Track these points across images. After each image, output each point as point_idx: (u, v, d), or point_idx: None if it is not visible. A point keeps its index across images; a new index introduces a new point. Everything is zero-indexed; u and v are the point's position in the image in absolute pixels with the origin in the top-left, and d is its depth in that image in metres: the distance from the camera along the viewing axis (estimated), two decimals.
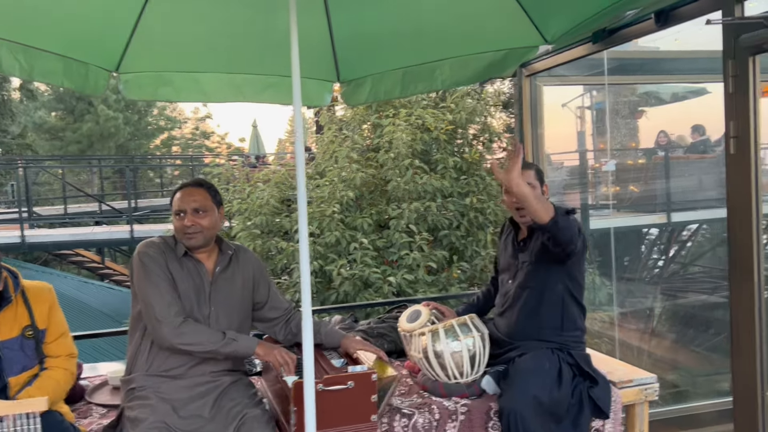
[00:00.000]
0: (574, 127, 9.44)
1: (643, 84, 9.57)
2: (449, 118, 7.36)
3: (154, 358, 2.21)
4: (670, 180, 8.62)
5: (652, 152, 9.63)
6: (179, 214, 2.29)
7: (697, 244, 10.75)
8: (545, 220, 2.23)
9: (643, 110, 10.90)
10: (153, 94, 3.18)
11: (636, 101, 10.60)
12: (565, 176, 9.22)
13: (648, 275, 9.39)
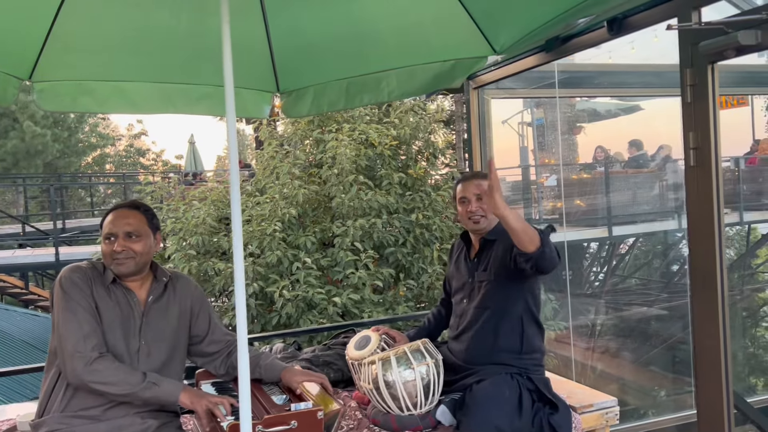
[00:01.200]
0: (515, 142, 9.52)
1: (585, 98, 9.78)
2: (393, 134, 7.25)
3: (71, 396, 1.94)
4: (610, 194, 8.78)
5: (591, 167, 9.82)
6: (109, 238, 2.05)
7: (634, 257, 11.01)
8: (530, 249, 2.10)
9: (581, 126, 11.15)
10: (72, 105, 2.91)
11: (575, 117, 10.83)
12: (508, 191, 9.25)
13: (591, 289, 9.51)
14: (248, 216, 6.54)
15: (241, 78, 3.14)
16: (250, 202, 6.77)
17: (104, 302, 2.01)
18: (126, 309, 2.04)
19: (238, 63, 3.20)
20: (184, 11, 2.55)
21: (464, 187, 2.49)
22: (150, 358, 2.04)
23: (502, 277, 2.37)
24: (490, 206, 2.13)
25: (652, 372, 8.25)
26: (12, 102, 2.70)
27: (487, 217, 2.45)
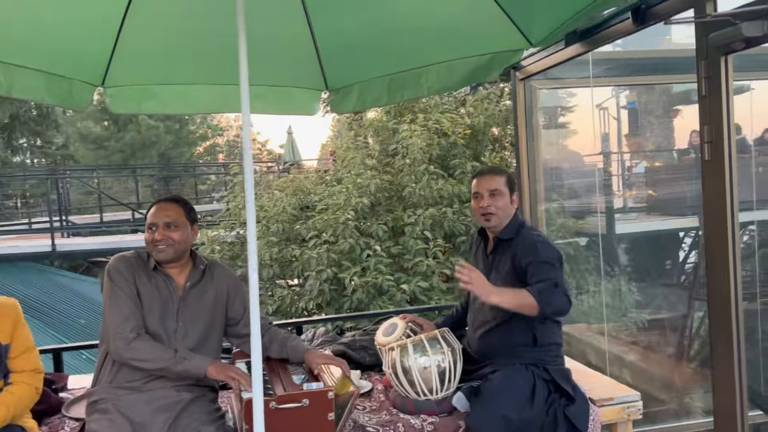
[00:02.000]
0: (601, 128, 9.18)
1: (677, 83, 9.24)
2: (467, 122, 7.26)
3: (117, 371, 2.21)
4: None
5: (685, 153, 9.29)
6: (151, 227, 2.30)
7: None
8: (534, 314, 2.24)
9: (678, 109, 10.55)
10: (138, 107, 3.21)
11: (671, 100, 10.26)
12: (592, 179, 8.97)
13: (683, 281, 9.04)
14: (324, 205, 6.81)
15: (291, 77, 3.34)
16: (327, 191, 7.03)
17: (145, 288, 2.26)
18: (165, 293, 2.29)
19: (289, 64, 3.42)
20: (235, 19, 2.75)
21: (478, 182, 2.52)
22: (186, 339, 2.27)
23: (513, 282, 2.40)
24: (481, 298, 2.24)
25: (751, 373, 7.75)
26: (86, 106, 3.03)
27: (499, 215, 2.47)
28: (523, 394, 2.28)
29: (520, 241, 2.44)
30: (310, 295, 6.23)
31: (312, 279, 6.22)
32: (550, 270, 2.31)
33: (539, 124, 3.53)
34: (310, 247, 6.43)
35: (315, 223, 6.60)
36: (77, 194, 16.95)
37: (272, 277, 6.72)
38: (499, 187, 2.46)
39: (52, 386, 2.71)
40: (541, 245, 2.40)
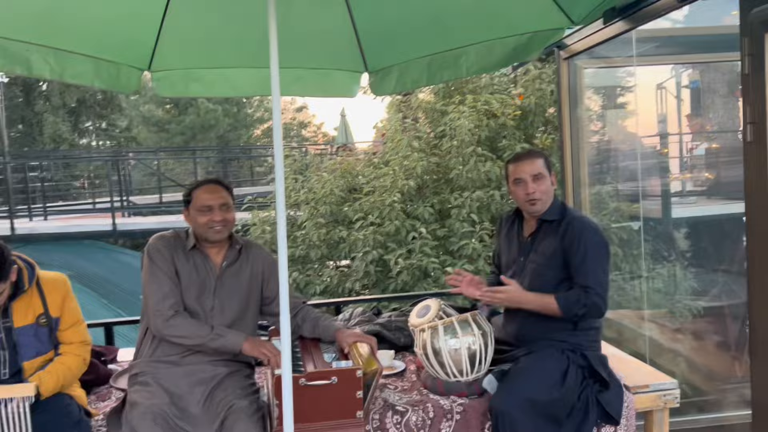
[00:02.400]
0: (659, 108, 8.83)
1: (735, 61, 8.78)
2: (518, 103, 7.12)
3: (156, 346, 2.32)
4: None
5: None
6: (206, 209, 2.35)
7: None
8: (559, 315, 2.33)
9: None
10: (184, 91, 3.30)
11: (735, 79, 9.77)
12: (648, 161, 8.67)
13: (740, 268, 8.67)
14: (372, 187, 6.85)
15: (330, 60, 3.36)
16: (374, 173, 7.06)
17: (183, 266, 2.35)
18: (202, 272, 2.37)
19: (328, 47, 3.44)
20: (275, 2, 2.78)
21: (518, 167, 2.48)
22: (223, 316, 2.35)
23: (555, 265, 2.38)
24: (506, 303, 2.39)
25: None
26: (135, 90, 3.13)
27: (543, 199, 2.43)
28: (552, 378, 2.26)
29: (568, 225, 2.41)
30: (357, 276, 6.30)
31: (358, 260, 6.28)
32: (595, 269, 2.33)
33: (584, 104, 3.43)
34: (357, 228, 6.49)
35: (362, 205, 6.64)
36: (139, 175, 17.58)
37: (320, 258, 6.82)
38: (541, 171, 2.42)
39: (101, 358, 2.85)
40: (592, 233, 2.38)
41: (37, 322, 2.24)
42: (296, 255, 6.89)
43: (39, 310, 2.25)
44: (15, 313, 2.20)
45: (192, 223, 2.40)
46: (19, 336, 2.20)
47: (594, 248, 2.35)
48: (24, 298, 2.22)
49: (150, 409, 2.09)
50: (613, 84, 8.07)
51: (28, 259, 2.31)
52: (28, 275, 2.24)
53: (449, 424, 2.29)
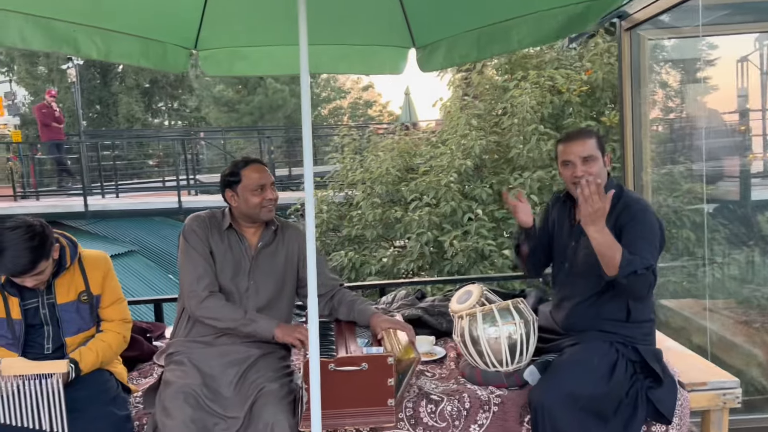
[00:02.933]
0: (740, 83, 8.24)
1: None
2: (583, 78, 6.80)
3: (192, 326, 2.33)
4: None
5: None
6: (260, 188, 2.33)
7: None
8: (609, 273, 2.10)
9: None
10: (230, 69, 3.28)
11: None
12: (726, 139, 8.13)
13: None
14: (428, 167, 6.72)
15: (377, 36, 3.26)
16: (430, 153, 6.93)
17: (218, 247, 2.33)
18: (238, 252, 2.35)
19: (373, 22, 3.34)
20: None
21: (567, 148, 2.31)
22: (258, 296, 2.33)
23: None
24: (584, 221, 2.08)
25: None
26: (184, 69, 3.14)
27: (600, 181, 2.26)
28: (598, 371, 2.12)
29: (624, 208, 2.24)
30: (411, 257, 6.23)
31: (413, 241, 6.20)
32: (649, 249, 2.14)
33: (654, 79, 3.19)
34: (412, 209, 6.40)
35: (417, 185, 6.54)
36: (210, 155, 18.06)
37: (376, 238, 6.78)
38: (593, 152, 2.25)
39: (147, 334, 2.90)
40: (650, 215, 2.22)
41: (78, 299, 2.28)
42: (352, 235, 6.88)
43: (81, 288, 2.29)
44: (58, 289, 2.24)
45: (241, 203, 2.34)
46: (62, 312, 2.25)
47: (649, 228, 2.18)
48: (66, 275, 2.27)
49: (182, 389, 2.10)
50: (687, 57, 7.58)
51: (71, 237, 2.35)
52: (71, 253, 2.28)
53: (486, 416, 2.19)
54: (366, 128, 9.42)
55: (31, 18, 2.42)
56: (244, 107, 27.31)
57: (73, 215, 9.88)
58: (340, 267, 6.67)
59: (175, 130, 22.33)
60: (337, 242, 7.08)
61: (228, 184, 2.36)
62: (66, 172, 12.21)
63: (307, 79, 2.00)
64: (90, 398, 2.13)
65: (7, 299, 2.19)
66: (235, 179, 2.35)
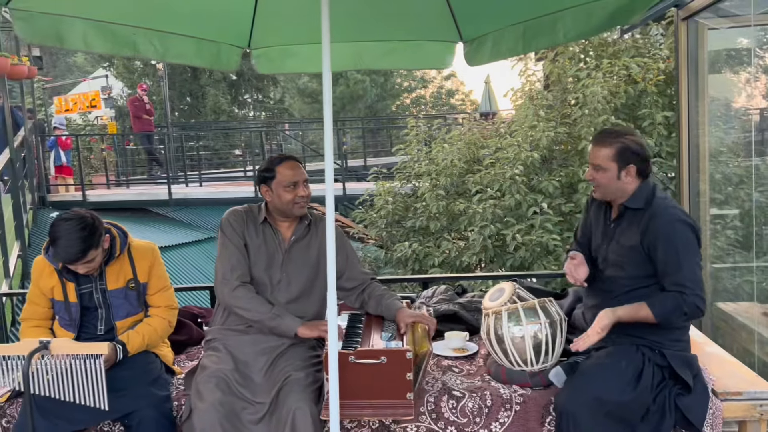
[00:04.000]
0: None
1: None
2: (660, 67, 6.49)
3: (227, 315, 2.44)
4: None
5: None
6: (293, 185, 2.41)
7: None
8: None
9: None
10: (281, 67, 3.38)
11: None
12: None
13: None
14: (494, 158, 6.64)
15: (422, 30, 3.27)
16: (497, 144, 6.84)
17: (253, 240, 2.43)
18: (272, 246, 2.44)
19: (419, 17, 3.35)
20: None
21: (590, 150, 2.29)
22: (290, 288, 2.42)
23: (635, 261, 2.19)
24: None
25: None
26: (236, 67, 3.27)
27: (601, 190, 2.26)
28: (625, 377, 2.07)
29: (652, 218, 2.17)
30: (474, 249, 6.19)
31: (476, 234, 6.16)
32: (690, 265, 2.10)
33: (706, 70, 3.03)
34: (476, 201, 6.35)
35: (482, 177, 6.48)
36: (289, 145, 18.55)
37: (440, 230, 6.78)
38: (601, 163, 2.20)
39: (198, 320, 3.07)
40: (680, 225, 2.14)
41: (127, 286, 2.46)
42: (417, 226, 6.92)
43: (129, 276, 2.47)
44: (108, 276, 2.42)
45: (275, 199, 2.42)
46: (112, 298, 2.43)
47: (684, 242, 2.11)
48: (116, 263, 2.44)
49: (215, 374, 2.22)
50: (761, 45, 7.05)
51: (122, 227, 2.53)
52: (120, 242, 2.46)
53: (507, 414, 2.18)
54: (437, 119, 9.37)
55: (92, 23, 2.60)
56: None
57: (158, 203, 10.46)
58: (404, 258, 6.73)
59: (259, 122, 23.08)
60: (402, 233, 7.13)
61: (263, 180, 2.44)
62: (155, 161, 12.94)
63: (329, 75, 2.05)
64: (134, 378, 2.30)
65: (65, 284, 2.39)
66: (269, 175, 2.43)
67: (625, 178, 2.20)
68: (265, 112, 24.83)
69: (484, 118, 15.70)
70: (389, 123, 22.35)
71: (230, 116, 21.98)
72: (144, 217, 10.33)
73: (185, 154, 12.31)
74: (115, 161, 13.13)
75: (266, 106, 24.52)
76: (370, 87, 27.37)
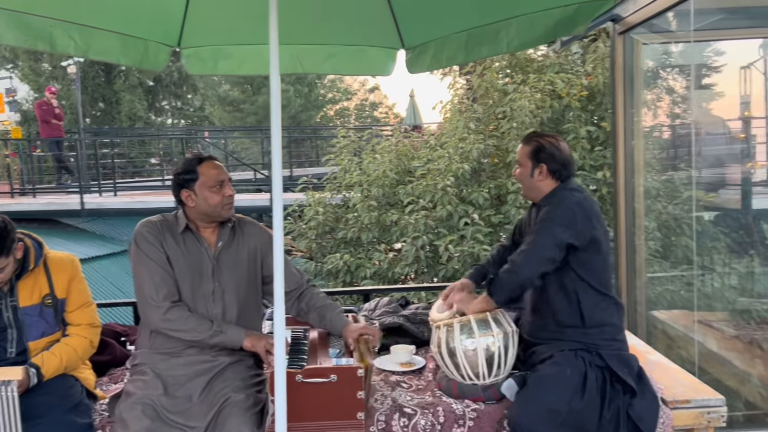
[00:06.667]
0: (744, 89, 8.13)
1: None
2: (583, 83, 6.72)
3: (155, 337, 2.22)
4: None
5: None
6: (219, 185, 2.23)
7: None
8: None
9: None
10: (214, 68, 3.20)
11: None
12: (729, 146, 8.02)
13: None
14: (425, 170, 6.65)
15: (365, 36, 3.19)
16: (428, 156, 6.86)
17: (174, 251, 2.21)
18: (197, 255, 2.23)
19: (362, 23, 3.27)
20: None
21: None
22: (225, 297, 2.23)
23: None
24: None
25: None
26: (164, 67, 3.07)
27: (522, 184, 2.39)
28: (572, 385, 2.06)
29: (543, 206, 2.27)
30: (406, 261, 6.15)
31: (408, 245, 6.12)
32: (541, 231, 2.18)
33: (641, 84, 3.11)
34: (408, 212, 6.32)
35: (414, 188, 6.47)
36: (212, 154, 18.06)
37: (372, 241, 6.70)
38: (520, 159, 2.36)
39: (121, 338, 2.83)
40: (563, 203, 2.21)
41: (42, 302, 2.21)
42: (348, 237, 6.81)
43: (45, 291, 2.22)
44: (20, 292, 2.17)
45: (201, 202, 2.22)
46: (25, 315, 2.18)
47: (555, 212, 2.19)
48: (30, 277, 2.20)
49: (140, 400, 2.01)
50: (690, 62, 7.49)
51: (37, 238, 2.28)
52: (35, 254, 2.21)
53: (461, 431, 2.10)
54: (367, 130, 9.33)
55: (3, 12, 2.36)
56: (248, 107, 27.27)
57: (69, 213, 9.84)
58: (335, 269, 6.60)
59: (177, 129, 22.32)
60: (333, 245, 7.00)
61: (184, 183, 2.23)
62: (65, 169, 12.18)
63: (277, 79, 1.94)
64: (51, 405, 2.06)
65: None
66: (191, 177, 2.22)
67: (537, 176, 2.29)
68: (185, 119, 24.06)
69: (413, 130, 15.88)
70: (313, 134, 22.17)
71: (147, 123, 21.13)
72: (53, 229, 9.69)
73: (99, 161, 11.64)
74: (20, 168, 12.26)
75: (185, 114, 23.76)
76: (294, 97, 27.09)
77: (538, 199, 2.33)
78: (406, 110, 18.70)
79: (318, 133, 24.06)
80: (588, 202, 2.23)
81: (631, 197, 3.12)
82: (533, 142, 2.34)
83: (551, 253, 2.14)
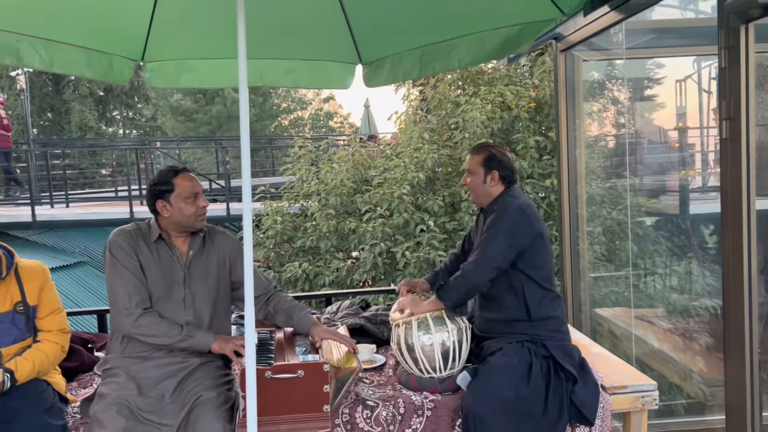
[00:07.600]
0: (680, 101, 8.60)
1: None
2: (531, 95, 7.02)
3: (127, 342, 2.30)
4: None
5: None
6: (194, 196, 2.32)
7: None
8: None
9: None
10: (176, 82, 3.30)
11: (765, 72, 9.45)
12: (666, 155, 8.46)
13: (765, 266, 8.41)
14: (382, 179, 6.82)
15: (325, 51, 3.34)
16: (384, 165, 7.03)
17: (148, 259, 2.31)
18: (169, 263, 2.34)
19: (321, 38, 3.42)
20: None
21: (466, 161, 2.61)
22: (195, 304, 2.34)
23: None
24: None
25: None
26: (128, 81, 3.15)
27: (472, 192, 2.57)
28: (518, 373, 2.25)
29: (488, 214, 2.48)
30: (364, 268, 6.29)
31: (366, 252, 6.27)
32: (489, 240, 2.37)
33: (581, 97, 3.35)
34: (366, 220, 6.48)
35: (371, 197, 6.63)
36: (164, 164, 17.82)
37: (330, 249, 6.82)
38: (471, 168, 2.55)
39: (88, 345, 2.89)
40: (506, 212, 2.40)
41: (14, 310, 2.28)
42: (306, 246, 6.91)
43: (17, 298, 2.29)
44: None
45: (176, 213, 2.32)
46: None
47: (496, 224, 2.38)
48: (2, 285, 2.26)
49: (115, 401, 2.10)
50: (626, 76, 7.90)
51: (8, 247, 2.34)
52: (6, 263, 2.28)
53: (420, 420, 2.26)
54: (324, 140, 9.47)
55: None
56: (202, 117, 27.00)
57: (19, 225, 9.63)
58: (294, 278, 6.69)
59: (129, 140, 21.95)
60: (292, 253, 7.09)
61: (159, 194, 2.32)
62: (14, 181, 11.90)
63: (245, 92, 2.05)
64: (25, 408, 2.13)
65: None
66: (167, 188, 2.31)
67: (490, 182, 2.49)
68: (136, 129, 23.66)
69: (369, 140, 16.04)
70: (269, 143, 22.10)
71: (98, 133, 20.72)
72: (2, 241, 9.45)
73: (50, 173, 11.40)
74: None
75: (137, 124, 23.38)
76: (249, 107, 26.85)
77: (487, 204, 2.52)
78: (361, 120, 18.88)
79: (273, 143, 23.98)
80: (525, 205, 2.44)
81: (574, 203, 3.35)
82: (484, 151, 2.54)
83: (499, 262, 2.34)
